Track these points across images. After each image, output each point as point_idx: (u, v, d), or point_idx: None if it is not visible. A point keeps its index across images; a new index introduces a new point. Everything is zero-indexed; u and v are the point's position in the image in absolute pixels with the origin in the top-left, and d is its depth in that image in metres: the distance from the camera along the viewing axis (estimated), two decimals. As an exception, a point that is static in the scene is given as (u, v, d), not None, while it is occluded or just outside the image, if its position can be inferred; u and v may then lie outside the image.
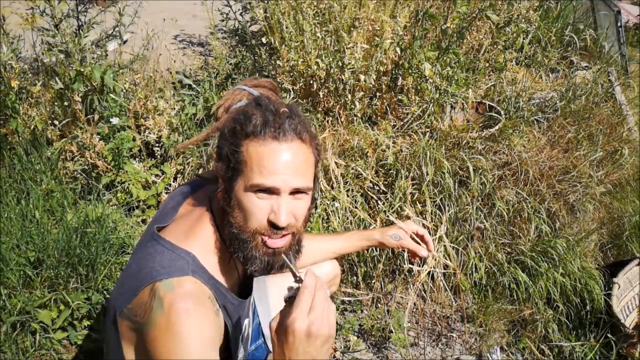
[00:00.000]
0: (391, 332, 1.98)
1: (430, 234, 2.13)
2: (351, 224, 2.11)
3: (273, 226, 1.02)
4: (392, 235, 1.49)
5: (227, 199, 1.03)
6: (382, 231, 1.52)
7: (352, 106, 2.40)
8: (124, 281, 1.06)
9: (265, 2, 2.55)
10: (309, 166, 1.06)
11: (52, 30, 2.31)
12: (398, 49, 2.37)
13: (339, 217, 2.10)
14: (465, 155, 2.22)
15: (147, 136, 2.33)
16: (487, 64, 2.85)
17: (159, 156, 2.38)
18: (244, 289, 1.19)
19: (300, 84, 2.40)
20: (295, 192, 1.03)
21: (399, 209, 2.12)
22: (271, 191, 1.01)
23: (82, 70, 2.26)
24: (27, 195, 2.03)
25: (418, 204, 2.17)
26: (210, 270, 1.04)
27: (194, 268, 1.00)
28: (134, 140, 2.29)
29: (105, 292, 1.84)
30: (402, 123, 2.43)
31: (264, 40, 2.57)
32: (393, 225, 1.55)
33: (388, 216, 2.10)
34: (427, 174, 2.14)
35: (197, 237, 1.04)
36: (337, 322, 1.99)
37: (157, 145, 2.37)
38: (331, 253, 1.52)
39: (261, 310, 1.24)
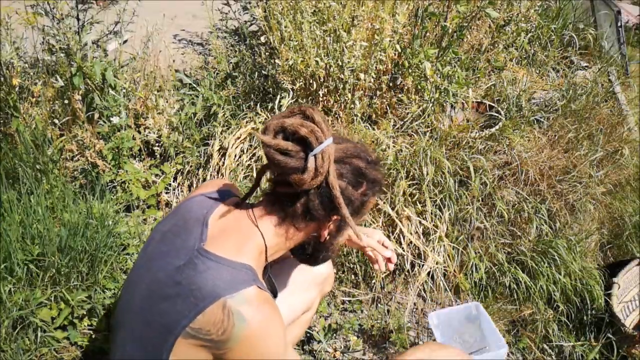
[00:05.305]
0: (391, 332, 1.98)
1: (430, 233, 2.15)
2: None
3: None
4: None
5: (340, 228, 1.23)
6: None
7: (352, 105, 2.39)
8: (172, 298, 1.08)
9: (265, 1, 2.55)
10: None
11: (55, 27, 2.31)
12: (398, 47, 2.36)
13: (339, 217, 2.09)
14: (466, 155, 2.22)
15: (146, 135, 2.33)
16: (487, 64, 2.85)
17: (158, 156, 2.38)
18: None
19: (300, 84, 2.40)
20: None
21: (399, 208, 2.12)
22: None
23: (82, 65, 2.25)
24: (30, 192, 2.02)
25: (418, 204, 2.17)
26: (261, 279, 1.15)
27: (254, 277, 1.10)
28: (133, 139, 2.28)
29: (106, 291, 1.83)
30: (402, 122, 2.43)
31: (263, 39, 2.56)
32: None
33: (388, 216, 2.10)
34: (427, 174, 2.14)
35: (249, 251, 1.13)
36: (337, 322, 1.99)
37: (157, 144, 2.37)
38: None
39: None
